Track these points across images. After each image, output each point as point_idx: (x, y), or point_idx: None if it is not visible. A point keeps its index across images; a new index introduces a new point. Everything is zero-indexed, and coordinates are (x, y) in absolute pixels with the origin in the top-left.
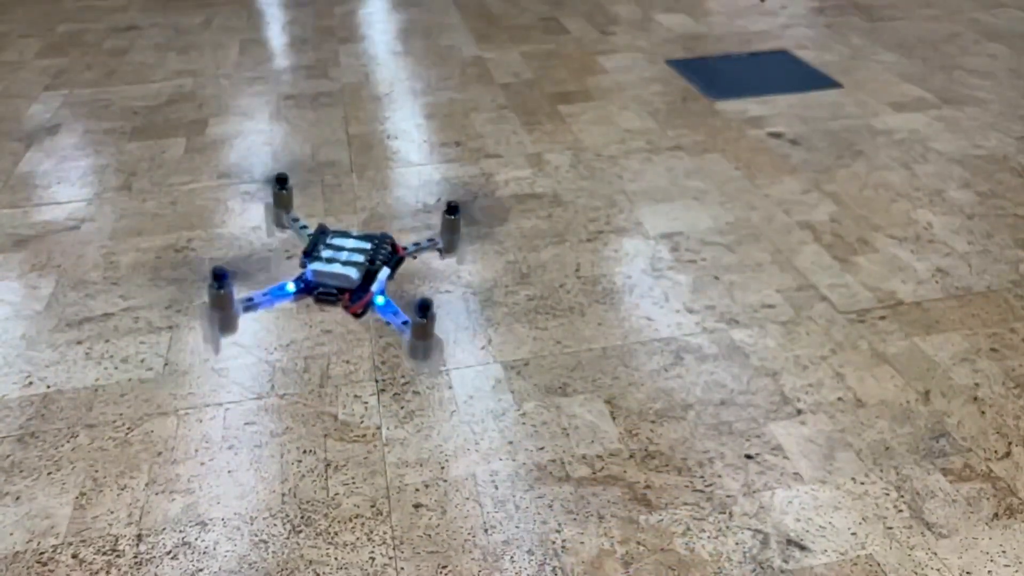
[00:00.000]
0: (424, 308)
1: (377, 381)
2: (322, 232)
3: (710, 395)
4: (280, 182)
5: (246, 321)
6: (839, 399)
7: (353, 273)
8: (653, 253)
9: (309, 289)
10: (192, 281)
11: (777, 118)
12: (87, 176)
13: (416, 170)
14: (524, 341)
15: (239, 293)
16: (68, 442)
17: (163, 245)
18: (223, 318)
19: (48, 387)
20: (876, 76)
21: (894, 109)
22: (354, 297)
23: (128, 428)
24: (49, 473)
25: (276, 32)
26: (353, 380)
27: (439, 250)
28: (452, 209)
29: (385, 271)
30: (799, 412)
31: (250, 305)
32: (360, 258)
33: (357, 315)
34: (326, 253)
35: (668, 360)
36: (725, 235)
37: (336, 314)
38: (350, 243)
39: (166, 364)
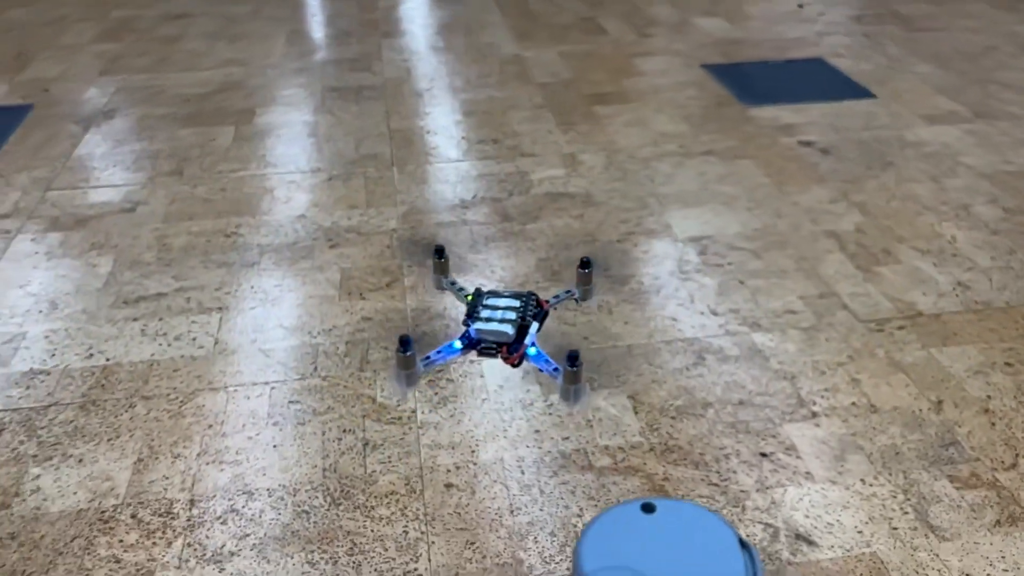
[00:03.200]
0: (573, 358)
1: None
2: (478, 295)
3: (729, 395)
4: (438, 252)
5: (291, 307)
6: (853, 404)
7: (509, 329)
8: (681, 256)
9: (473, 345)
10: (240, 265)
11: (809, 126)
12: (141, 160)
13: (454, 166)
14: (552, 336)
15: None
16: (126, 411)
17: (213, 230)
18: (408, 375)
19: (107, 360)
20: (911, 87)
21: (927, 121)
22: (511, 349)
23: (181, 401)
24: (109, 439)
25: (321, 24)
26: (391, 365)
27: (576, 300)
28: (585, 264)
29: (535, 325)
30: (814, 415)
31: (429, 362)
32: (513, 315)
33: (515, 365)
34: (484, 313)
35: (691, 360)
36: (752, 241)
37: (375, 302)
38: (503, 302)
39: (216, 343)
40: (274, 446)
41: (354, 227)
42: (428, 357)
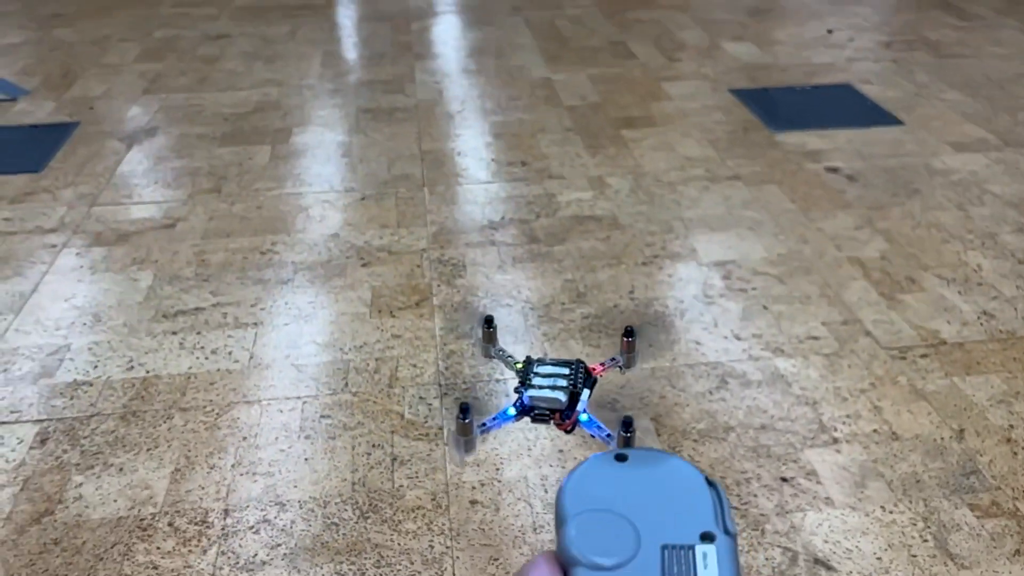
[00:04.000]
0: (627, 424)
1: (440, 385)
2: (528, 363)
3: (751, 419)
4: (487, 322)
5: (324, 323)
6: (875, 431)
7: (562, 396)
8: (705, 280)
9: (526, 411)
10: (275, 282)
11: (836, 153)
12: (181, 178)
13: (483, 188)
14: (577, 357)
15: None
16: (164, 422)
17: (249, 247)
18: (467, 441)
19: (147, 372)
20: (939, 114)
21: (954, 149)
22: (564, 416)
23: (217, 414)
24: (148, 449)
25: (355, 45)
26: (419, 383)
27: (620, 367)
28: (629, 332)
29: (586, 392)
30: (835, 441)
31: (485, 429)
32: (564, 383)
33: (568, 431)
34: (536, 381)
35: (713, 384)
36: (776, 266)
37: (405, 320)
38: (554, 370)
39: (251, 357)
40: (305, 459)
41: (385, 246)
42: (484, 424)
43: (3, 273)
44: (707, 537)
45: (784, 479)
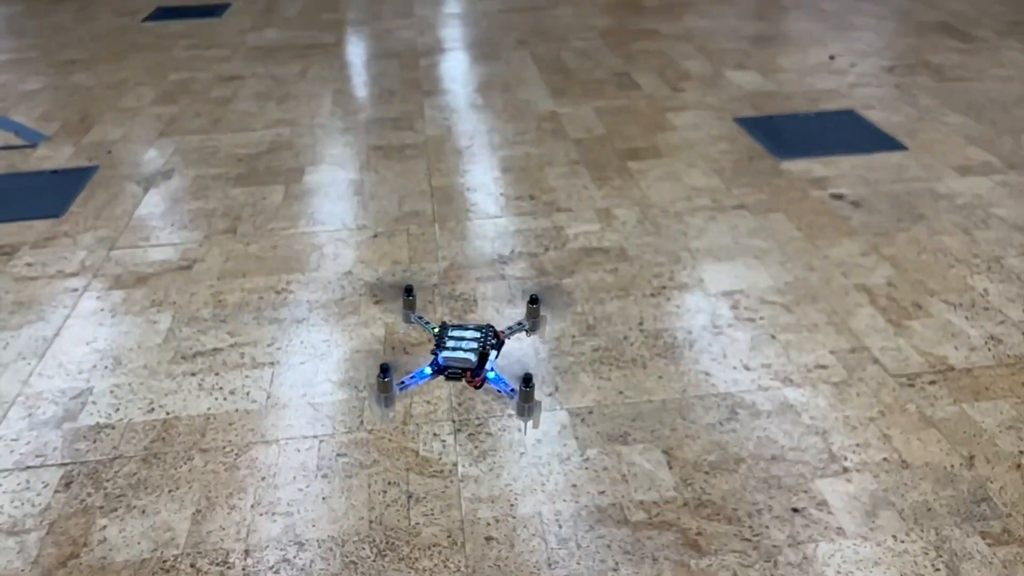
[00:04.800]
0: (527, 380)
1: (454, 421)
2: (443, 327)
3: (762, 450)
4: (408, 291)
5: (339, 361)
6: (885, 459)
7: (472, 356)
8: (713, 310)
9: (441, 370)
10: (291, 321)
11: (840, 179)
12: (197, 219)
13: (492, 222)
14: (588, 390)
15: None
16: (185, 464)
17: (265, 286)
18: (386, 397)
19: (167, 413)
20: (943, 138)
21: (959, 173)
22: (474, 374)
23: (236, 454)
24: (170, 491)
25: (365, 83)
26: (433, 419)
27: (526, 331)
28: (534, 300)
29: (493, 353)
30: (845, 470)
31: (404, 387)
32: (475, 345)
33: (477, 387)
34: (450, 343)
35: (723, 415)
36: (784, 295)
37: (418, 357)
38: (466, 334)
39: (268, 397)
40: (323, 498)
41: (398, 283)
42: (403, 382)
43: (27, 318)
44: None
45: (795, 510)
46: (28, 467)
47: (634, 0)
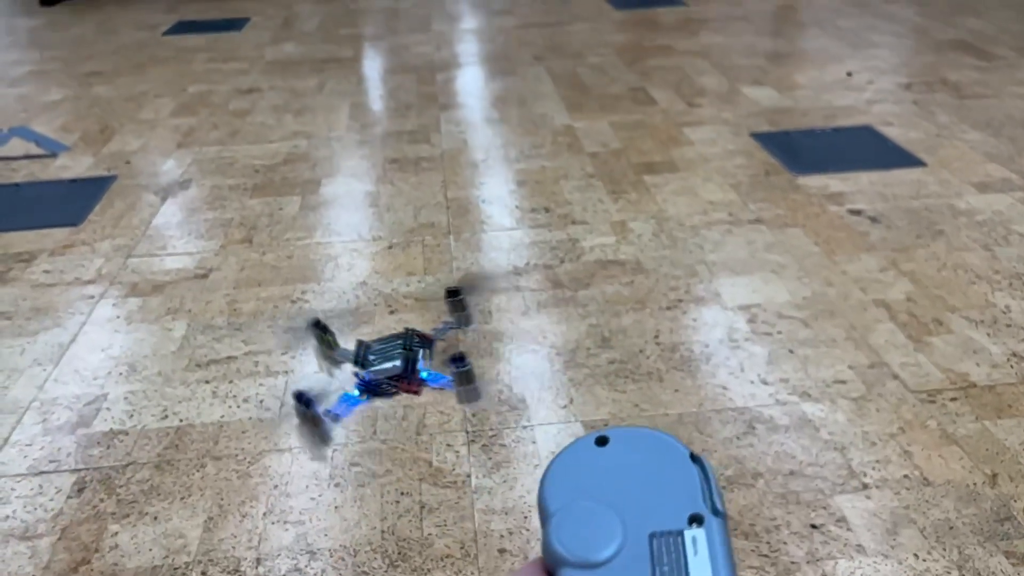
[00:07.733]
0: (458, 360)
1: (467, 432)
2: (360, 345)
3: (780, 465)
4: (316, 325)
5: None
6: (905, 476)
7: (398, 361)
8: (730, 324)
9: (371, 389)
10: (305, 330)
11: (858, 195)
12: (214, 229)
13: (507, 234)
14: (604, 403)
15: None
16: (198, 471)
17: (280, 296)
18: (320, 433)
19: (181, 421)
20: (961, 155)
21: (978, 189)
22: (408, 380)
23: (249, 462)
24: (182, 498)
25: (382, 97)
26: (446, 430)
27: (454, 328)
28: (452, 292)
29: (421, 352)
30: (865, 487)
31: (335, 417)
32: (398, 350)
33: (416, 393)
34: (371, 358)
35: (741, 429)
36: (801, 309)
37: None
38: (387, 345)
39: (282, 405)
40: (336, 507)
41: (412, 293)
42: (330, 411)
43: (43, 324)
44: (695, 520)
45: (814, 526)
46: (41, 472)
47: (650, 17)
